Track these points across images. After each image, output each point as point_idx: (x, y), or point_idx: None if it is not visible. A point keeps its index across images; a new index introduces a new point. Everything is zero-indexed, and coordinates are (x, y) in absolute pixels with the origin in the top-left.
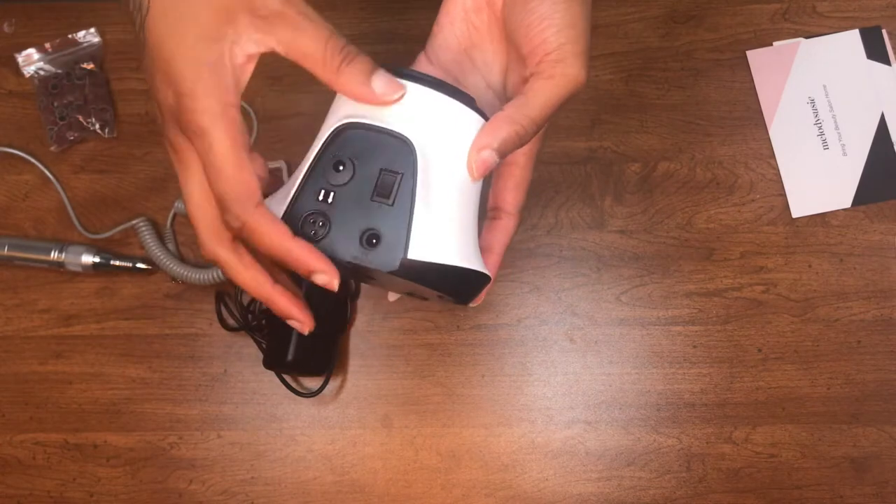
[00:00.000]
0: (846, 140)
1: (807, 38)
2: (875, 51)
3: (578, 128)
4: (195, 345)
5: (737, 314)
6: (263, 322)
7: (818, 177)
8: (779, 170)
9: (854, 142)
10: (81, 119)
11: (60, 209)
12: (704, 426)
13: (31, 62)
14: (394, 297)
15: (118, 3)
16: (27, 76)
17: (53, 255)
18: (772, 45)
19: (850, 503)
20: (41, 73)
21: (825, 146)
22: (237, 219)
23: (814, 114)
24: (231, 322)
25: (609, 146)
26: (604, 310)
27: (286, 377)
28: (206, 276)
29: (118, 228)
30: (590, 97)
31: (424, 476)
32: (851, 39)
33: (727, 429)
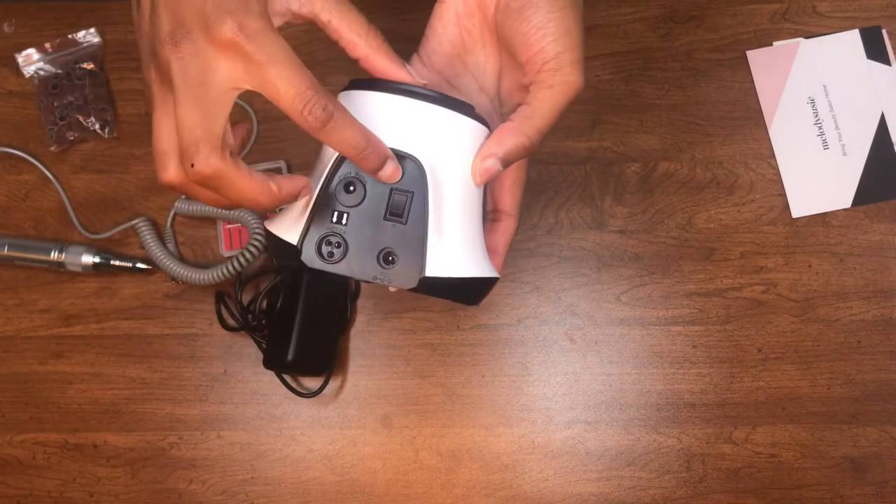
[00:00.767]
0: (846, 140)
1: (807, 38)
2: (875, 51)
3: (578, 128)
4: (195, 345)
5: (737, 314)
6: (263, 322)
7: (818, 177)
8: (779, 170)
9: (854, 142)
10: (81, 119)
11: (60, 209)
12: (704, 426)
13: (31, 62)
14: (394, 289)
15: (119, 3)
16: (27, 76)
17: (53, 255)
18: (772, 45)
19: (850, 503)
20: (41, 73)
21: (825, 146)
22: (321, 105)
23: (814, 114)
24: (231, 322)
25: (609, 146)
26: (604, 310)
27: (286, 377)
28: (206, 276)
29: (118, 228)
30: (590, 97)
31: (424, 476)
32: (851, 39)
33: (727, 429)
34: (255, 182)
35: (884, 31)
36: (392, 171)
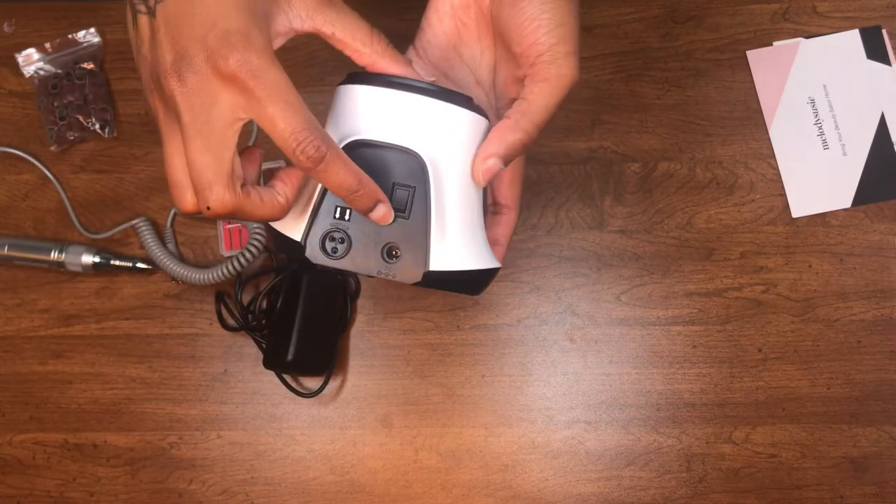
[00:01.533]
0: (846, 140)
1: (807, 38)
2: (875, 51)
3: (578, 128)
4: (195, 345)
5: (737, 314)
6: (263, 322)
7: (818, 177)
8: (779, 170)
9: (854, 142)
10: (81, 119)
11: (60, 209)
12: (704, 426)
13: (31, 62)
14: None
15: (119, 3)
16: (27, 76)
17: (53, 255)
18: (772, 45)
19: (850, 503)
20: (41, 73)
21: (825, 146)
22: (314, 146)
23: (814, 114)
24: (231, 322)
25: (609, 146)
26: (604, 310)
27: (286, 377)
28: (206, 276)
29: (118, 228)
30: (590, 97)
31: (424, 476)
32: (851, 39)
33: (727, 429)
34: (267, 205)
35: (884, 31)
36: (383, 214)
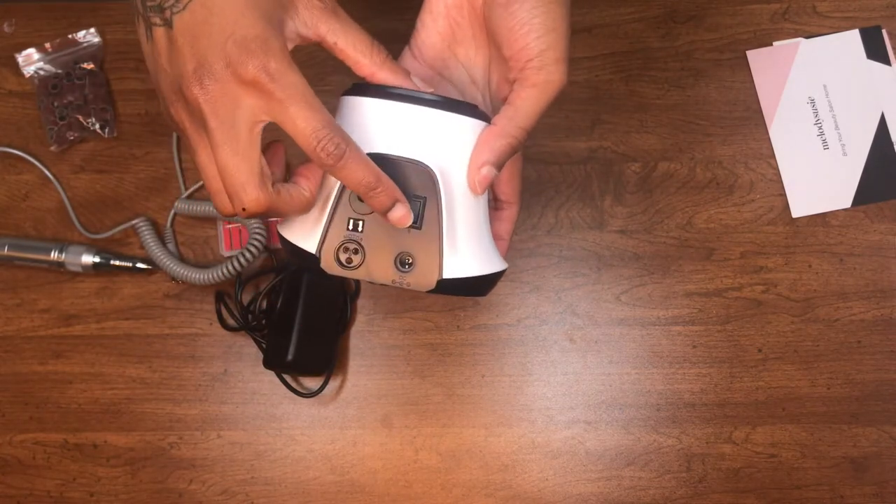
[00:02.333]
0: (846, 140)
1: (807, 38)
2: (875, 51)
3: (578, 128)
4: (195, 345)
5: (737, 314)
6: (263, 322)
7: (818, 177)
8: (779, 170)
9: (854, 142)
10: (81, 119)
11: (60, 209)
12: (704, 426)
13: (31, 62)
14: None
15: (119, 3)
16: (27, 76)
17: (53, 255)
18: (772, 45)
19: (850, 503)
20: (41, 73)
21: (825, 146)
22: (334, 143)
23: (814, 114)
24: (231, 322)
25: (609, 146)
26: (604, 310)
27: (286, 377)
28: (206, 276)
29: (118, 228)
30: (590, 97)
31: (424, 476)
32: (851, 39)
33: (727, 429)
34: (296, 201)
35: (884, 31)
36: (402, 216)
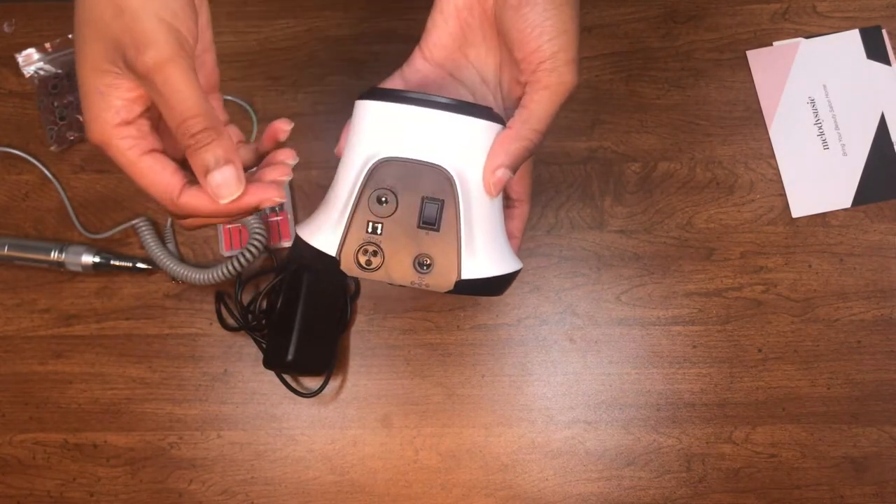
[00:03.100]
0: (846, 140)
1: (807, 38)
2: (875, 51)
3: (578, 128)
4: (195, 345)
5: (737, 314)
6: (263, 322)
7: (818, 177)
8: (779, 170)
9: (854, 142)
10: (81, 119)
11: (60, 209)
12: (704, 426)
13: (31, 62)
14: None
15: None
16: (27, 76)
17: (53, 255)
18: (772, 45)
19: (850, 503)
20: (41, 73)
21: (825, 146)
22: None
23: (814, 114)
24: (231, 322)
25: (609, 146)
26: (604, 310)
27: (286, 377)
28: (206, 276)
29: (118, 228)
30: (590, 97)
31: (424, 476)
32: (851, 39)
33: (727, 429)
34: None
35: (884, 31)
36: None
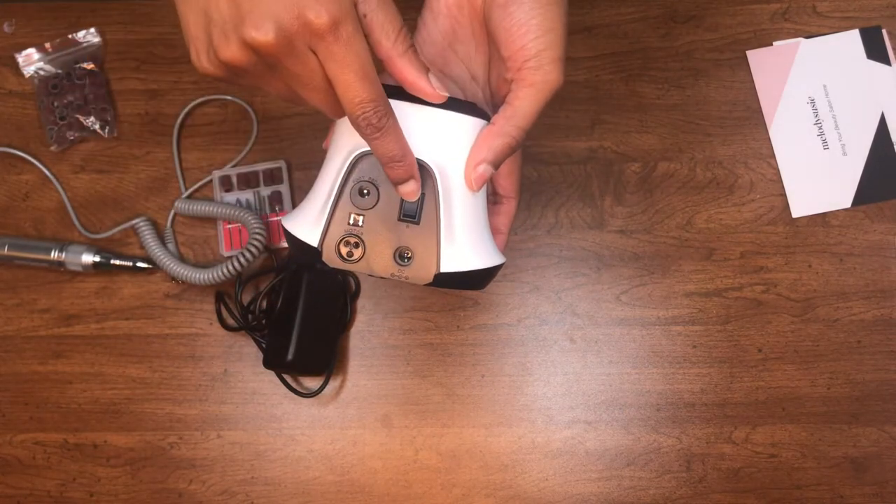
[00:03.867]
0: (846, 140)
1: (807, 38)
2: (875, 51)
3: (578, 128)
4: (195, 345)
5: (737, 314)
6: (263, 322)
7: (818, 177)
8: (779, 170)
9: (854, 142)
10: (81, 119)
11: (60, 209)
12: (704, 426)
13: (31, 62)
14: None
15: (119, 3)
16: (27, 76)
17: (53, 255)
18: (772, 45)
19: (850, 503)
20: (41, 73)
21: (825, 146)
22: (376, 114)
23: (814, 114)
24: (231, 322)
25: (609, 146)
26: (604, 310)
27: (286, 377)
28: (206, 276)
29: (118, 228)
30: (590, 97)
31: (424, 476)
32: (851, 39)
33: (727, 429)
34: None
35: (884, 31)
36: (411, 190)
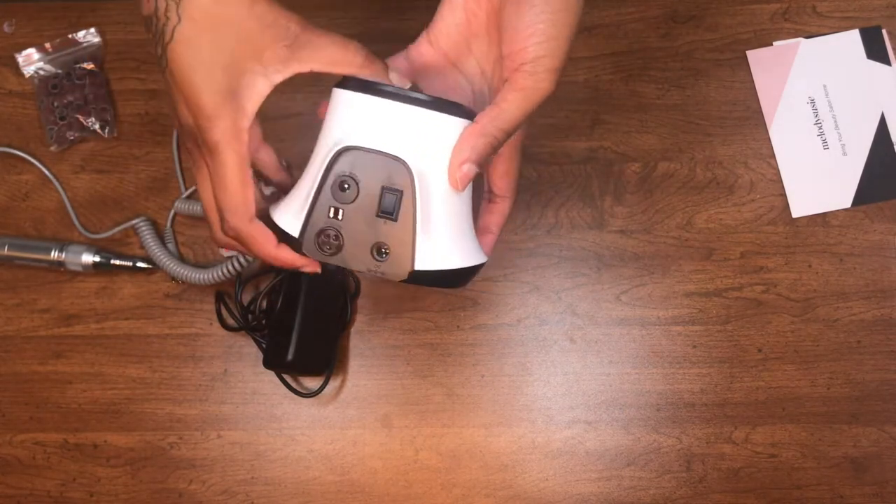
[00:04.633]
0: (846, 140)
1: (807, 38)
2: (875, 51)
3: (578, 128)
4: (195, 345)
5: (737, 314)
6: (263, 322)
7: (818, 177)
8: (779, 170)
9: (854, 142)
10: (81, 119)
11: (60, 209)
12: (704, 426)
13: (31, 62)
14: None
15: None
16: (27, 76)
17: (53, 255)
18: (772, 45)
19: (850, 503)
20: (41, 73)
21: (825, 146)
22: (233, 229)
23: (814, 114)
24: (231, 322)
25: (609, 146)
26: (604, 310)
27: (286, 377)
28: (206, 276)
29: (118, 228)
30: (590, 97)
31: (424, 476)
32: (851, 39)
33: (727, 429)
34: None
35: (884, 31)
36: (311, 271)
